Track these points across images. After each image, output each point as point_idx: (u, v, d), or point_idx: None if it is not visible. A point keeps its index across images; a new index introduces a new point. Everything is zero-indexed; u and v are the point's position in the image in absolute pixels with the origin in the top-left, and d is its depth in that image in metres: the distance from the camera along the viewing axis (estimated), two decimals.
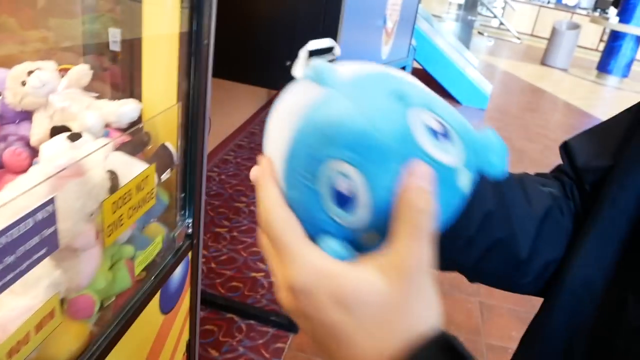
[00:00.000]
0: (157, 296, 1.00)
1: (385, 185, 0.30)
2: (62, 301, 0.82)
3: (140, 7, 0.99)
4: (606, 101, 8.38)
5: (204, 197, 1.12)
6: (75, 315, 0.81)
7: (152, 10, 0.99)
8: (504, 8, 7.52)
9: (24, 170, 1.04)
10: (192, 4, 0.91)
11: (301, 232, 0.34)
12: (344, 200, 0.31)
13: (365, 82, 0.33)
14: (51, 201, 0.67)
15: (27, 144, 1.09)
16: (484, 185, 0.51)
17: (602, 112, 6.98)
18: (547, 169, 0.66)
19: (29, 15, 1.54)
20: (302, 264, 0.32)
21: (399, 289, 0.31)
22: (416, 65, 5.93)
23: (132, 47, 1.07)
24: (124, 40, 1.08)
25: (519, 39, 9.29)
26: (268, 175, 0.36)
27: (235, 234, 2.72)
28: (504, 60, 10.40)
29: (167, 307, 1.06)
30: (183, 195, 1.09)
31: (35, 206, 0.65)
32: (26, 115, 1.09)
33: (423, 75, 6.44)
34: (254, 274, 2.42)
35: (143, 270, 0.99)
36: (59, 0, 1.66)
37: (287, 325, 2.14)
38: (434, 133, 0.31)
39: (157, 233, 1.05)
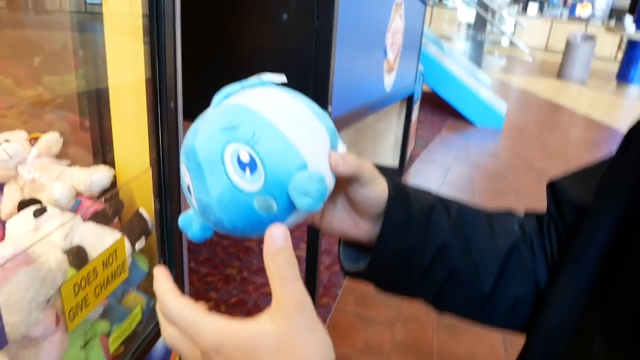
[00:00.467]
0: None
1: (209, 189, 0.41)
2: None
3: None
4: (628, 112, 8.18)
5: (186, 260, 1.07)
6: None
7: (116, 55, 0.96)
8: (515, 26, 7.45)
9: None
10: (153, 67, 0.87)
11: (197, 308, 0.39)
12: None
13: (218, 111, 0.43)
14: None
15: None
16: (439, 218, 0.54)
17: (624, 124, 6.79)
18: None
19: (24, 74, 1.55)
20: (208, 329, 0.37)
21: (286, 328, 0.37)
22: (427, 88, 5.88)
23: (102, 101, 1.04)
24: (92, 93, 1.05)
25: (530, 56, 9.18)
26: (159, 279, 0.42)
27: (245, 274, 2.66)
28: (519, 77, 10.28)
29: None
30: (162, 260, 1.05)
31: None
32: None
33: (434, 98, 6.38)
34: None
35: (121, 344, 0.94)
36: (52, 58, 1.67)
37: None
38: (241, 164, 0.40)
39: (137, 303, 1.00)
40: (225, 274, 2.66)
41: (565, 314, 0.49)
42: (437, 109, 6.57)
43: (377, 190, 0.51)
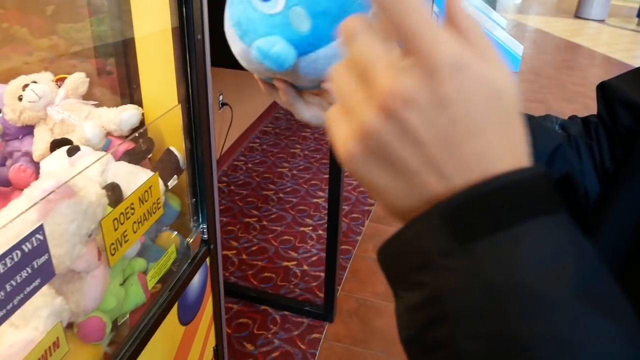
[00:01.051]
0: (174, 308, 0.96)
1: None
2: (72, 325, 0.79)
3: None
4: None
5: (217, 199, 1.07)
6: (86, 339, 0.78)
7: (141, 5, 0.93)
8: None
9: None
10: None
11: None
12: None
13: None
14: (40, 229, 0.63)
15: (32, 159, 1.06)
16: None
17: None
18: None
19: (38, 24, 1.52)
20: (446, 38, 0.26)
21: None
22: None
23: (128, 48, 1.01)
24: (118, 42, 1.03)
25: None
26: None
27: (264, 223, 2.69)
28: (535, 17, 9.94)
29: (187, 318, 1.02)
30: (194, 200, 1.05)
31: (23, 236, 0.61)
32: (28, 130, 1.06)
33: None
34: (285, 264, 2.38)
35: (158, 282, 0.95)
36: (66, 6, 1.63)
37: (322, 314, 2.10)
38: None
39: (171, 242, 1.01)
40: (244, 222, 2.69)
41: (625, 230, 0.46)
42: None
43: None
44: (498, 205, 0.25)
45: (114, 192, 0.82)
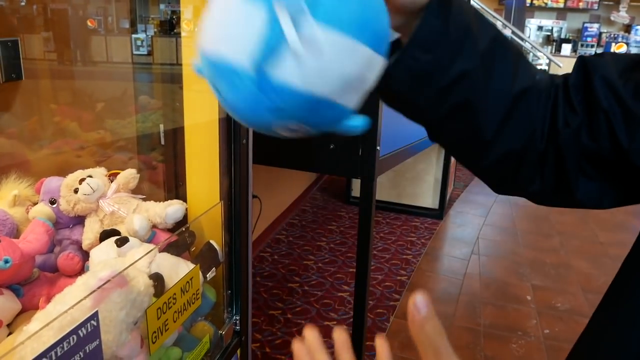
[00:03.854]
0: None
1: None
2: None
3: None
4: None
5: (250, 292, 1.11)
6: None
7: (191, 100, 1.04)
8: (548, 65, 7.43)
9: (78, 273, 1.07)
10: None
11: None
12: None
13: None
14: (95, 315, 0.68)
15: (80, 247, 1.13)
16: (473, 42, 0.51)
17: None
18: None
19: (88, 119, 1.66)
20: None
21: None
22: None
23: (177, 147, 1.11)
24: (168, 140, 1.13)
25: None
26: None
27: (289, 315, 2.67)
28: None
29: None
30: (229, 292, 1.09)
31: (79, 322, 0.66)
32: (79, 220, 1.14)
33: None
34: None
35: None
36: (114, 103, 1.79)
37: None
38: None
39: (205, 332, 1.04)
40: (268, 314, 2.68)
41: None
42: None
43: None
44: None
45: (158, 282, 0.88)
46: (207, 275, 1.01)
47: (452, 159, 3.95)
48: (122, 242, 0.95)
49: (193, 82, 1.03)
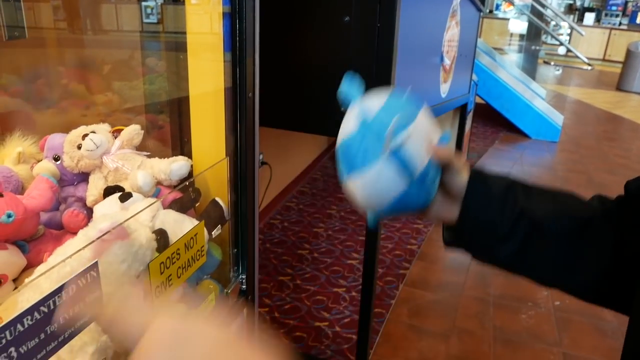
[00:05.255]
0: None
1: None
2: None
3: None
4: None
5: (257, 251, 1.09)
6: None
7: (197, 66, 1.00)
8: (570, 35, 7.21)
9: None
10: (234, 59, 0.91)
11: None
12: None
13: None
14: (95, 266, 0.66)
15: (84, 204, 1.12)
16: (516, 192, 0.63)
17: None
18: None
19: (96, 82, 1.64)
20: None
21: None
22: (479, 100, 5.79)
23: (182, 105, 1.08)
24: (173, 99, 1.11)
25: (589, 65, 8.84)
26: None
27: (298, 282, 2.68)
28: (575, 89, 9.96)
29: None
30: (235, 250, 1.07)
31: (78, 272, 0.64)
32: (83, 177, 1.13)
33: (487, 110, 6.27)
34: (317, 324, 2.35)
35: None
36: (122, 66, 1.76)
37: None
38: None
39: (210, 290, 1.03)
40: (278, 280, 2.69)
41: None
42: (490, 121, 6.45)
43: (466, 177, 0.62)
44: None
45: (162, 237, 0.86)
46: (213, 233, 1.00)
47: (467, 128, 3.88)
48: (125, 197, 0.94)
49: (198, 49, 1.00)
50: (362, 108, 0.60)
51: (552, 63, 11.58)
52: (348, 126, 0.61)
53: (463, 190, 0.62)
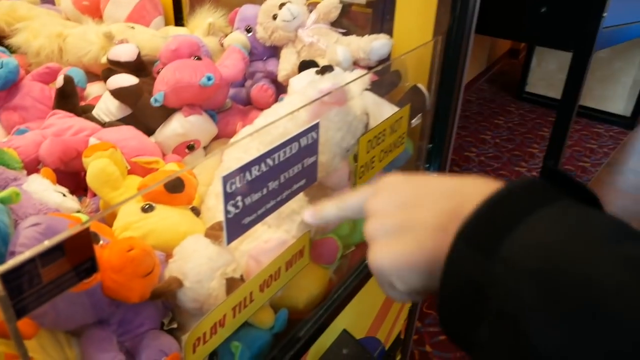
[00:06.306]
0: None
1: None
2: None
3: None
4: None
5: (451, 149, 0.98)
6: (319, 259, 0.75)
7: None
8: None
9: (269, 107, 1.01)
10: None
11: None
12: None
13: None
14: (316, 127, 0.59)
15: (272, 80, 1.07)
16: None
17: None
18: None
19: None
20: None
21: None
22: None
23: None
24: None
25: None
26: None
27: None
28: None
29: None
30: (430, 146, 0.97)
31: (299, 131, 0.58)
32: (273, 52, 1.07)
33: None
34: None
35: None
36: None
37: None
38: None
39: None
40: None
41: None
42: None
43: None
44: (505, 210, 0.29)
45: (366, 116, 0.78)
46: (412, 122, 0.89)
47: None
48: (325, 70, 0.86)
49: None
50: None
51: None
52: None
53: None
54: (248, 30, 1.06)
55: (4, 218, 0.51)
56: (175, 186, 0.64)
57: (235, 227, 0.53)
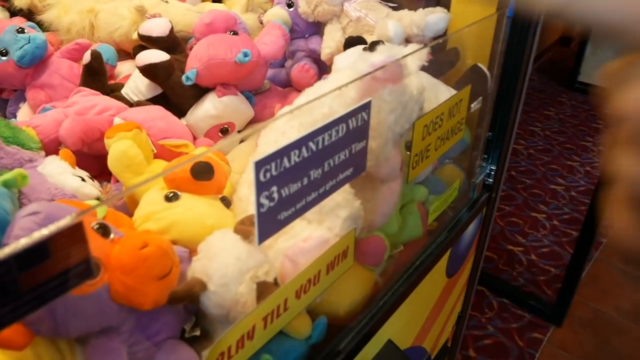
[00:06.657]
0: (446, 255, 0.80)
1: None
2: None
3: None
4: None
5: (513, 140, 0.87)
6: (364, 259, 0.66)
7: None
8: None
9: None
10: None
11: None
12: None
13: None
14: (367, 106, 0.50)
15: (314, 60, 0.98)
16: None
17: None
18: None
19: None
20: None
21: None
22: None
23: None
24: None
25: None
26: None
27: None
28: None
29: (452, 270, 0.86)
30: (490, 134, 0.86)
31: (347, 111, 0.49)
32: (316, 29, 0.98)
33: None
34: (510, 247, 2.11)
35: (434, 220, 0.80)
36: None
37: (549, 314, 1.80)
38: None
39: (454, 177, 0.84)
40: None
41: None
42: None
43: None
44: None
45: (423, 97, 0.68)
46: (471, 106, 0.79)
47: None
48: (373, 47, 0.76)
49: None
50: None
51: None
52: None
53: None
54: (289, 5, 0.97)
55: (5, 204, 0.45)
56: (203, 172, 0.56)
57: (269, 222, 0.45)
